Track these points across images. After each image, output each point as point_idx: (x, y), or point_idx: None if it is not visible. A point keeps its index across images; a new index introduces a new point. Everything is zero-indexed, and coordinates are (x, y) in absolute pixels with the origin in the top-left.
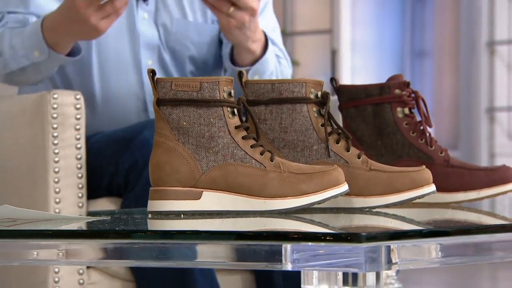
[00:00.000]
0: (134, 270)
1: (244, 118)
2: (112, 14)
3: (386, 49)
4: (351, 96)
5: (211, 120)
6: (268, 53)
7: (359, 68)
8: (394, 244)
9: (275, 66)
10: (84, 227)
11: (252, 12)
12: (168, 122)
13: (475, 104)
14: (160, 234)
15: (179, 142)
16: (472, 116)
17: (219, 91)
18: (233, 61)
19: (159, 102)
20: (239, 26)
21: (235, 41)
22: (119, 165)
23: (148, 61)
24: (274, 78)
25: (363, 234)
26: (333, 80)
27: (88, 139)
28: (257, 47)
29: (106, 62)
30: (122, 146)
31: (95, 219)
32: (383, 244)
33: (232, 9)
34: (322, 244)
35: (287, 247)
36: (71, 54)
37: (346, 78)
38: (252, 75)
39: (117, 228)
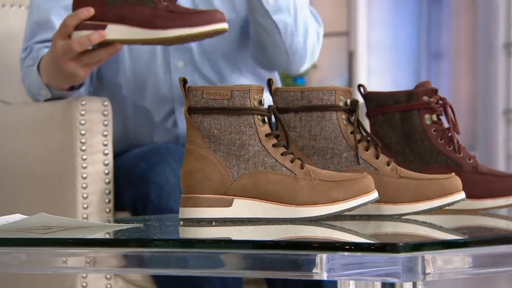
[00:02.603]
0: (158, 283)
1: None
2: (91, 63)
3: (402, 51)
4: (378, 103)
5: (242, 128)
6: None
7: (375, 70)
8: (432, 255)
9: (308, 17)
10: (114, 235)
11: None
12: (199, 130)
13: (492, 106)
14: (182, 242)
15: (210, 150)
16: (489, 118)
17: (249, 99)
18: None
19: (191, 110)
20: None
21: None
22: (125, 196)
23: (179, 63)
24: (299, 20)
25: (401, 244)
26: (360, 86)
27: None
28: None
29: (138, 63)
30: (124, 178)
31: (129, 226)
32: (421, 254)
33: None
34: (359, 254)
35: (323, 256)
36: (75, 87)
37: (362, 80)
38: (274, 11)
39: (154, 237)
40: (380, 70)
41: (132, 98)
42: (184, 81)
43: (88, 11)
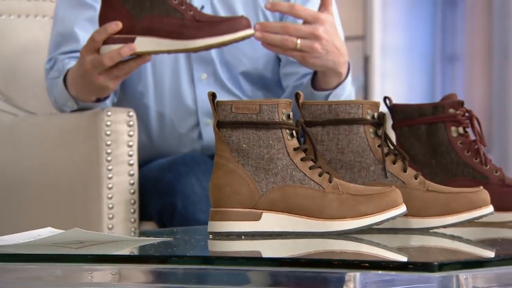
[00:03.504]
0: None
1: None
2: (121, 75)
3: (417, 53)
4: (404, 115)
5: (270, 142)
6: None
7: (390, 73)
8: (466, 274)
9: (350, 86)
10: (146, 251)
11: (318, 38)
12: (228, 144)
13: (507, 109)
14: (211, 259)
15: (239, 164)
16: (505, 121)
17: (278, 113)
18: (314, 84)
19: (220, 125)
20: (316, 55)
21: (322, 70)
22: (151, 206)
23: (203, 75)
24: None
25: (436, 263)
26: (386, 99)
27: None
28: (344, 70)
29: (161, 74)
30: (151, 188)
31: (159, 240)
32: (456, 273)
33: (298, 42)
34: (393, 273)
35: (356, 274)
36: (101, 98)
37: (377, 83)
38: (330, 98)
39: (186, 253)
40: (394, 73)
41: (156, 109)
42: (213, 96)
43: (116, 25)
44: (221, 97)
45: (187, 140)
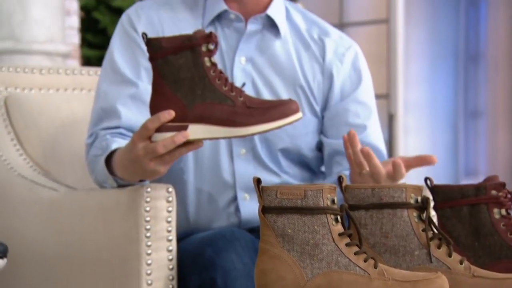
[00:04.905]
0: None
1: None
2: (172, 161)
3: (440, 109)
4: (446, 196)
5: (315, 227)
6: None
7: (413, 129)
8: None
9: None
10: None
11: (378, 180)
12: (273, 229)
13: None
14: None
15: (284, 249)
16: None
17: (322, 198)
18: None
19: (265, 210)
20: (368, 181)
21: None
22: (191, 281)
23: (242, 150)
24: None
25: None
26: (427, 179)
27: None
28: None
29: (201, 151)
30: (190, 263)
31: None
32: None
33: (365, 171)
34: None
35: None
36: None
37: (401, 139)
38: None
39: None
40: (418, 129)
41: (194, 184)
42: (258, 181)
43: (169, 114)
44: (258, 173)
45: (224, 214)
